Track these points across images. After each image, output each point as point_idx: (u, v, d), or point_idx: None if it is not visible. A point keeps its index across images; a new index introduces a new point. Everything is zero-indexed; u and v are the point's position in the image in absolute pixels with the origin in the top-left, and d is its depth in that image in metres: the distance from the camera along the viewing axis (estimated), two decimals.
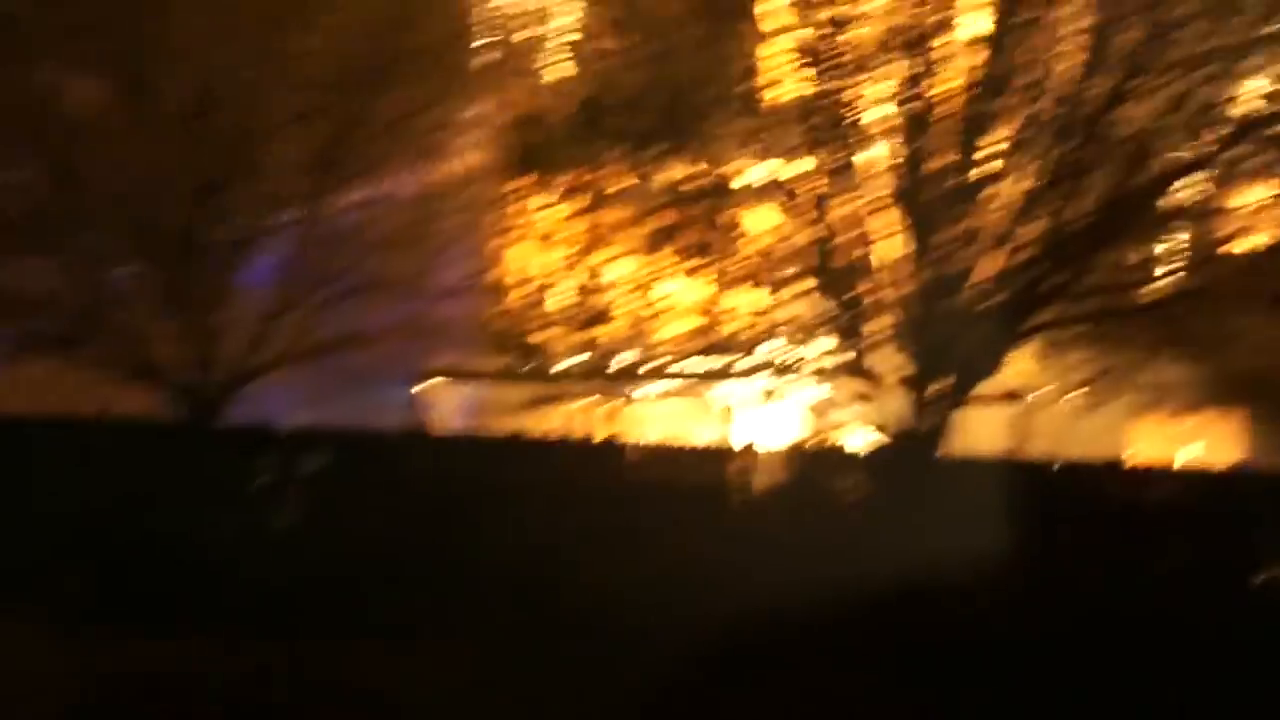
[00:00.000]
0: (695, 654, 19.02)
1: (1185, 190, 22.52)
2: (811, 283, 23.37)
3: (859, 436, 24.84)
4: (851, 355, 23.39)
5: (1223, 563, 22.01)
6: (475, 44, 26.07)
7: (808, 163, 22.78)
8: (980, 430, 26.21)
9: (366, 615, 21.06)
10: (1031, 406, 27.38)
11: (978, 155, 22.23)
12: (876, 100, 22.34)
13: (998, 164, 22.22)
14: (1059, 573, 22.13)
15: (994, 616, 20.55)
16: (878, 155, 22.57)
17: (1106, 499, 24.00)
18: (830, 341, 23.83)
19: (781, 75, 22.61)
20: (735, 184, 23.31)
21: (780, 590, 20.33)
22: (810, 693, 18.59)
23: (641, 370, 27.39)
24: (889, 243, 22.77)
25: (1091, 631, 20.50)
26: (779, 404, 26.96)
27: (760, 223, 23.42)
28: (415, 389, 29.12)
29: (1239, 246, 22.61)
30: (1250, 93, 21.68)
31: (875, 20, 22.06)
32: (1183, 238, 22.99)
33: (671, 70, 22.54)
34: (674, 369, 27.70)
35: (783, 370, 25.27)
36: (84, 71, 25.00)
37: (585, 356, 25.62)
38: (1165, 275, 23.01)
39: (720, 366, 26.78)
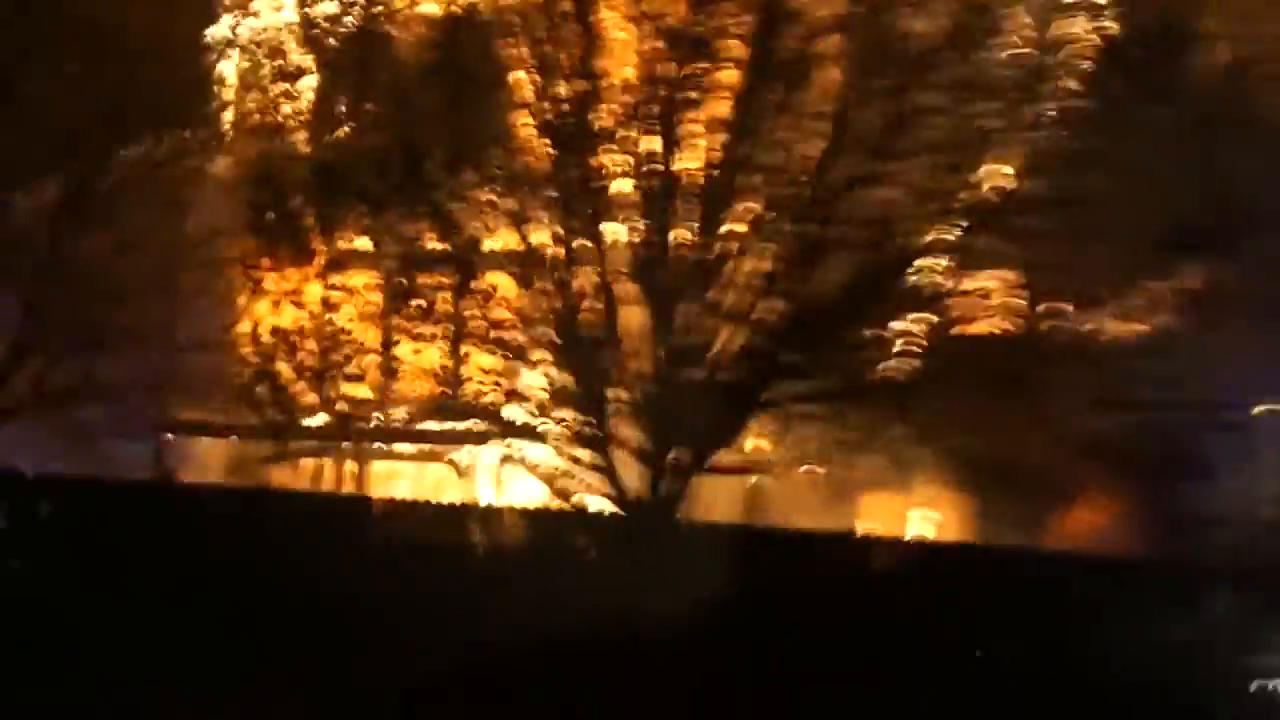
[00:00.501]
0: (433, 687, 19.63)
1: (921, 274, 22.43)
2: (550, 352, 23.20)
3: (599, 500, 24.53)
4: (590, 424, 23.08)
5: (940, 632, 21.67)
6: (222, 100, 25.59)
7: (548, 233, 22.53)
8: (717, 498, 26.25)
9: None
10: (764, 478, 27.38)
11: (718, 232, 22.04)
12: (619, 174, 22.11)
13: (737, 243, 22.00)
14: (780, 631, 21.61)
15: (709, 670, 20.30)
16: (619, 228, 22.33)
17: (834, 566, 23.65)
18: (569, 410, 23.50)
19: (525, 145, 22.40)
20: (477, 250, 23.08)
21: (513, 638, 20.44)
22: None
23: (384, 430, 26.97)
24: (629, 314, 22.50)
25: (806, 692, 20.78)
26: (520, 468, 26.81)
27: (501, 289, 23.21)
28: (158, 442, 28.61)
29: (970, 330, 22.62)
30: (987, 184, 21.74)
31: (617, 96, 21.96)
32: (916, 320, 23.01)
33: (411, 135, 22.37)
34: (418, 428, 27.31)
35: (522, 434, 25.03)
36: None
37: (326, 416, 25.17)
38: (898, 356, 22.84)
39: (461, 429, 26.51)
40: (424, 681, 20.12)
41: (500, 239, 23.06)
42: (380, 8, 23.01)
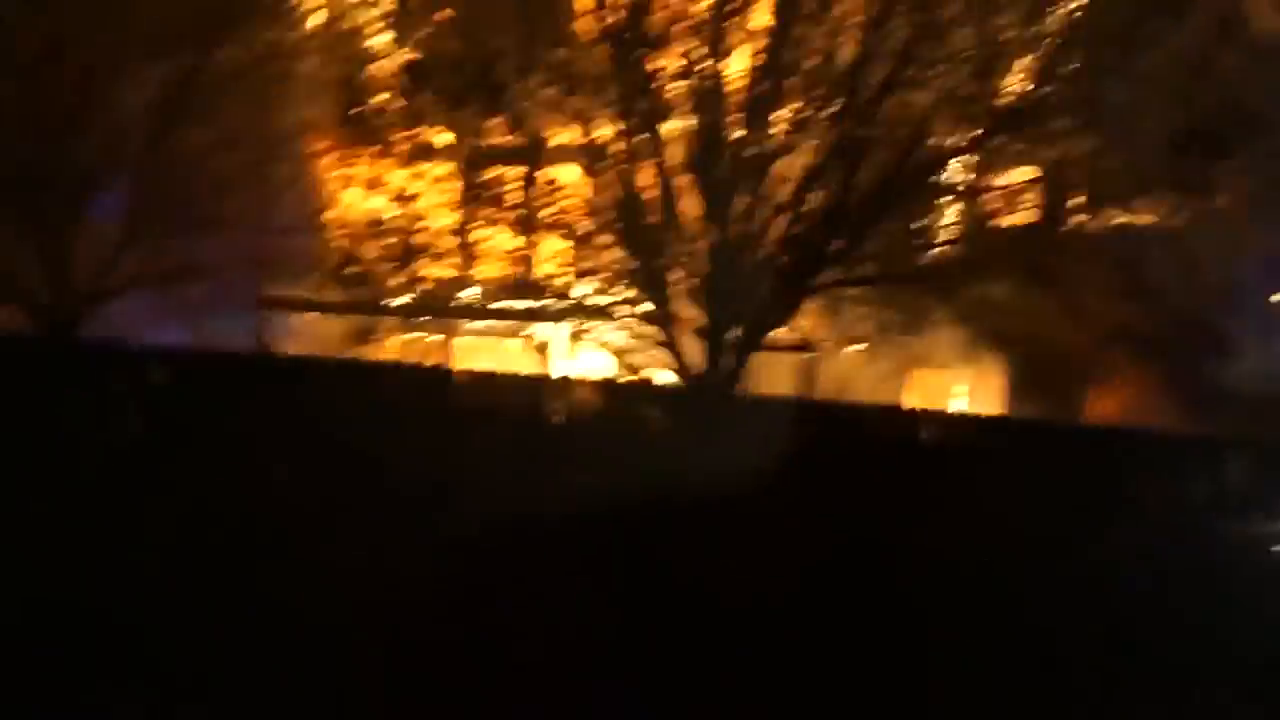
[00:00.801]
0: (510, 548, 19.63)
1: (954, 171, 23.14)
2: (615, 237, 23.70)
3: (662, 375, 25.15)
4: (653, 304, 23.67)
5: (978, 497, 22.03)
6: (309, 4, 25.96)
7: (610, 129, 22.91)
8: (772, 374, 26.75)
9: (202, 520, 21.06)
10: (817, 356, 27.75)
11: (767, 131, 22.45)
12: (672, 76, 22.42)
13: (783, 140, 22.41)
14: (831, 497, 22.08)
15: (768, 530, 20.61)
16: (675, 126, 22.72)
17: (880, 437, 24.34)
18: (633, 290, 24.13)
19: (586, 49, 22.67)
20: (546, 144, 23.63)
21: (584, 495, 21.05)
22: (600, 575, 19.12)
23: (464, 308, 27.49)
24: (687, 203, 22.93)
25: (855, 552, 20.87)
26: (589, 344, 27.11)
27: (568, 180, 23.78)
28: (256, 317, 29.12)
29: (1002, 223, 23.21)
30: (1008, 88, 22.05)
31: (667, 4, 22.23)
32: (952, 213, 23.57)
33: (485, 39, 22.77)
34: (496, 306, 27.75)
35: (591, 313, 25.61)
36: None
37: (410, 295, 25.69)
38: (936, 246, 23.55)
39: (535, 307, 26.87)
40: (502, 537, 20.18)
41: (566, 135, 23.46)
42: None
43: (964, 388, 28.59)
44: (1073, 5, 21.59)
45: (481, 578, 19.27)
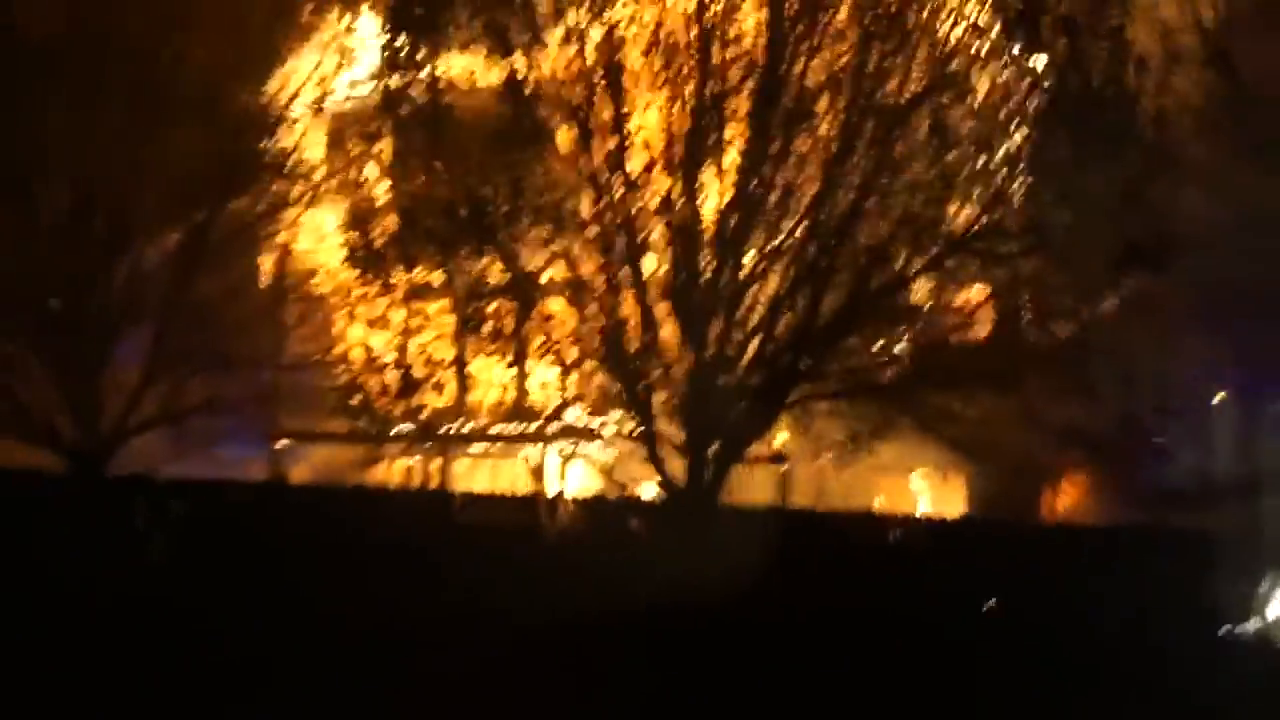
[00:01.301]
0: (512, 646, 20.32)
1: (914, 291, 23.07)
2: (600, 364, 23.49)
3: (648, 490, 25.06)
4: (637, 424, 23.36)
5: (945, 589, 22.78)
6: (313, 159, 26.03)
7: (593, 264, 22.85)
8: (750, 485, 26.75)
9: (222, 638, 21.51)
10: (791, 466, 27.73)
11: (740, 260, 22.45)
12: (650, 214, 22.46)
13: (753, 269, 22.49)
14: (808, 594, 22.68)
15: (750, 626, 21.35)
16: (653, 259, 22.73)
17: (853, 540, 24.65)
18: (619, 412, 24.10)
19: (570, 193, 22.72)
20: (534, 280, 23.44)
21: (579, 604, 21.40)
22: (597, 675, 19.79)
23: (462, 434, 27.40)
24: (666, 330, 22.77)
25: (831, 638, 22.00)
26: (579, 463, 27.14)
27: (556, 312, 23.74)
28: (268, 448, 29.15)
29: (959, 338, 23.27)
30: (961, 215, 22.20)
31: (644, 150, 22.30)
32: (914, 328, 23.42)
33: (474, 186, 22.71)
34: (492, 431, 27.63)
35: (580, 435, 25.50)
36: None
37: (411, 424, 25.59)
38: (898, 361, 23.28)
39: (528, 430, 26.88)
40: (507, 638, 20.74)
41: (553, 271, 23.30)
42: (445, 81, 23.29)
43: (927, 492, 28.79)
44: (1018, 138, 21.78)
45: (481, 672, 19.94)
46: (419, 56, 23.02)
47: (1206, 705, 19.09)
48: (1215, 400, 25.27)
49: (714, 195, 22.40)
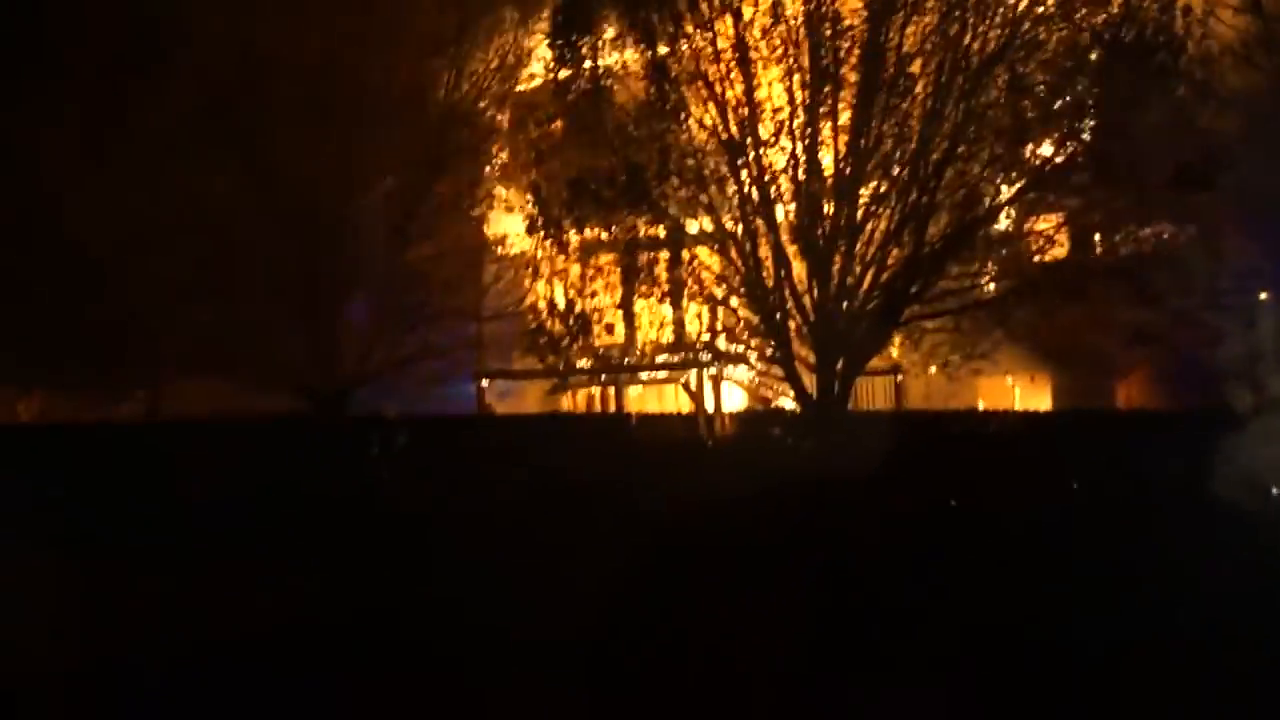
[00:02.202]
0: (682, 533, 19.51)
1: (1002, 221, 23.26)
2: (741, 300, 23.95)
3: (786, 402, 25.37)
4: (775, 348, 23.84)
5: (1039, 470, 22.47)
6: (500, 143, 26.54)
7: (732, 215, 23.26)
8: (874, 393, 27.11)
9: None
10: (905, 377, 27.94)
11: (856, 204, 22.72)
12: (779, 170, 22.79)
13: (866, 210, 22.76)
14: (927, 478, 22.35)
15: (881, 508, 20.62)
16: (783, 208, 23.07)
17: (958, 433, 24.86)
18: (759, 339, 24.28)
19: (711, 156, 23.15)
20: (684, 232, 23.81)
21: (737, 496, 20.83)
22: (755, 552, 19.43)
23: (632, 365, 27.79)
24: (797, 268, 23.14)
25: (947, 518, 21.22)
26: (729, 384, 27.46)
27: (704, 258, 24.10)
28: (475, 386, 29.70)
29: (1039, 259, 23.21)
30: (1037, 153, 22.38)
31: (772, 116, 22.62)
32: (1003, 254, 23.71)
33: (631, 155, 23.15)
34: (656, 361, 28.03)
35: (729, 360, 25.90)
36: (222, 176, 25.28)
37: (590, 359, 26.02)
38: (992, 281, 23.52)
39: (685, 359, 27.20)
40: (672, 527, 20.00)
41: (699, 224, 23.70)
42: (603, 69, 23.71)
43: (1019, 391, 28.84)
44: (1082, 85, 21.86)
45: (654, 560, 20.09)
46: (582, 52, 23.62)
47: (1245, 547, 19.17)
48: (1261, 297, 25.23)
49: (830, 150, 22.66)
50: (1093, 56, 21.91)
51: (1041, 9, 21.97)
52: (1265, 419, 21.96)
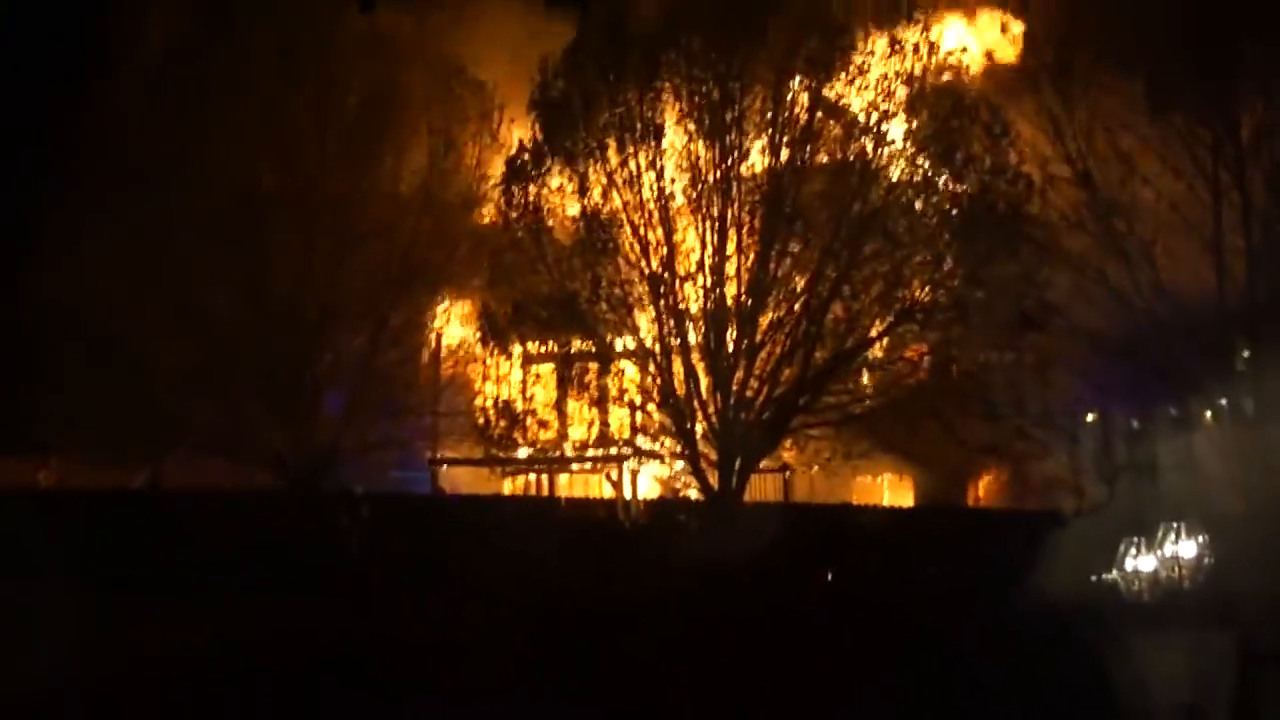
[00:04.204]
0: (591, 607, 21.14)
1: (877, 349, 23.95)
2: (658, 406, 24.39)
3: (692, 493, 25.54)
4: (684, 447, 24.27)
5: (901, 556, 23.92)
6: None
7: (652, 336, 23.88)
8: (764, 488, 27.26)
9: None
10: (792, 474, 28.26)
11: (755, 330, 23.37)
12: (692, 299, 23.52)
13: (763, 336, 23.47)
14: (809, 559, 23.98)
15: (762, 591, 21.86)
16: (694, 331, 23.66)
17: (835, 524, 25.72)
18: (671, 440, 24.55)
19: (635, 286, 23.76)
20: (611, 348, 24.52)
21: (644, 575, 22.53)
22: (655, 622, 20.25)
23: (563, 457, 27.44)
24: (704, 381, 23.69)
25: (819, 601, 22.97)
26: (644, 476, 27.57)
27: (626, 371, 24.58)
28: (430, 470, 29.77)
29: (907, 381, 23.88)
30: (909, 295, 23.17)
31: (687, 257, 23.40)
32: (877, 376, 24.21)
33: (567, 283, 23.87)
34: (585, 455, 27.57)
35: (645, 456, 26.04)
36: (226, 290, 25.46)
37: (528, 450, 26.04)
38: (867, 398, 24.21)
39: (609, 454, 27.21)
40: (591, 604, 21.45)
41: (624, 342, 24.34)
42: (545, 209, 24.04)
43: (887, 489, 29.17)
44: (945, 241, 22.76)
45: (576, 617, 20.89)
46: (529, 196, 24.01)
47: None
48: (1088, 418, 25.89)
49: (735, 285, 23.24)
50: (954, 218, 22.69)
51: (913, 179, 22.78)
52: (1086, 520, 22.72)
